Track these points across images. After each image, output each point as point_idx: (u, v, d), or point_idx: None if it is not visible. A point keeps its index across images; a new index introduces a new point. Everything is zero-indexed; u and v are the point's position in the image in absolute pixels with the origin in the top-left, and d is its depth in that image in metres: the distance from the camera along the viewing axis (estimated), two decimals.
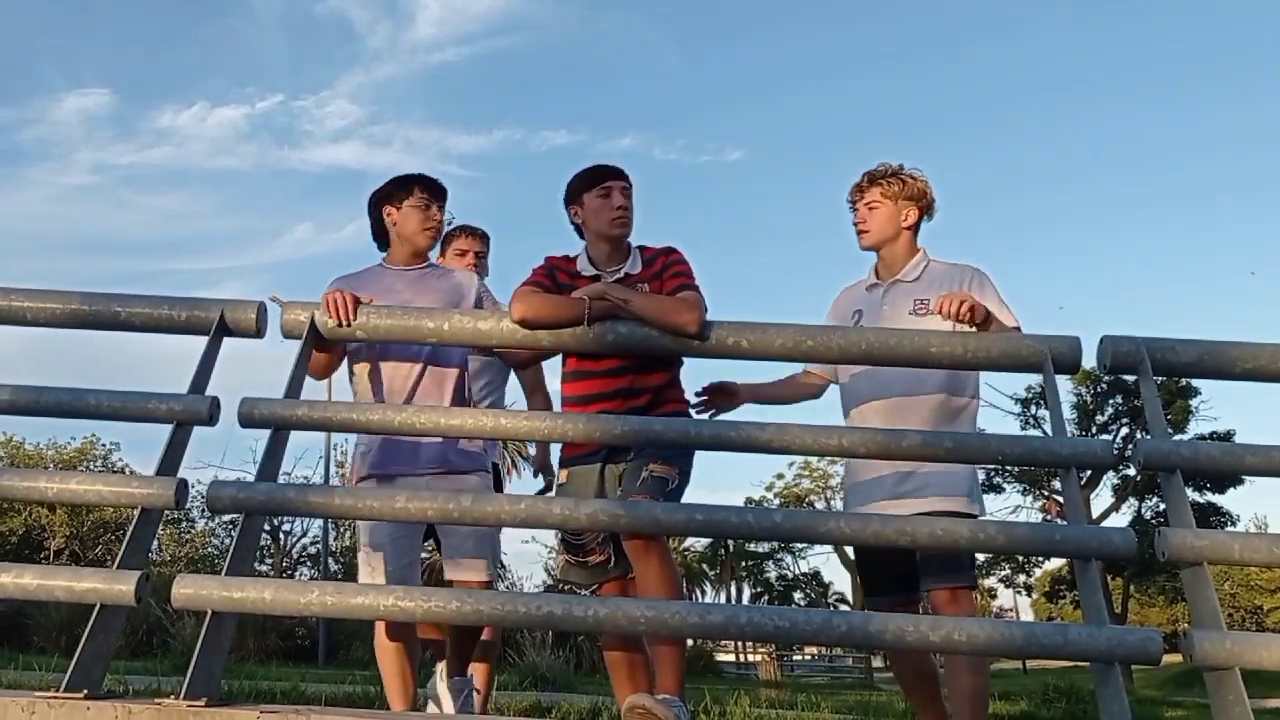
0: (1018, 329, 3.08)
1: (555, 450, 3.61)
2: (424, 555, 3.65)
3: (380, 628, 3.23)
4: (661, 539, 2.83)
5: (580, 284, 3.02)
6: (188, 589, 2.49)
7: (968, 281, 3.19)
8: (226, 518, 25.30)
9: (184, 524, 27.06)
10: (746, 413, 3.40)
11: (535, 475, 4.38)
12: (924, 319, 3.14)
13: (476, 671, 3.79)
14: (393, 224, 3.36)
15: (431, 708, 3.61)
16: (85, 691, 2.40)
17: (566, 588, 3.04)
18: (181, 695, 2.36)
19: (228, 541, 25.45)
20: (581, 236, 3.16)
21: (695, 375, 3.66)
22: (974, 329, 2.96)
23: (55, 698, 2.35)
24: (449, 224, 3.48)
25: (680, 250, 3.12)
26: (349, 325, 2.94)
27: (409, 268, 3.37)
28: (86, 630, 2.51)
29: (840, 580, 49.36)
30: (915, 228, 3.31)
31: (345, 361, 3.37)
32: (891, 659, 3.45)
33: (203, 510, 26.11)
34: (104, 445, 29.17)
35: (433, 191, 3.38)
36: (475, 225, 4.18)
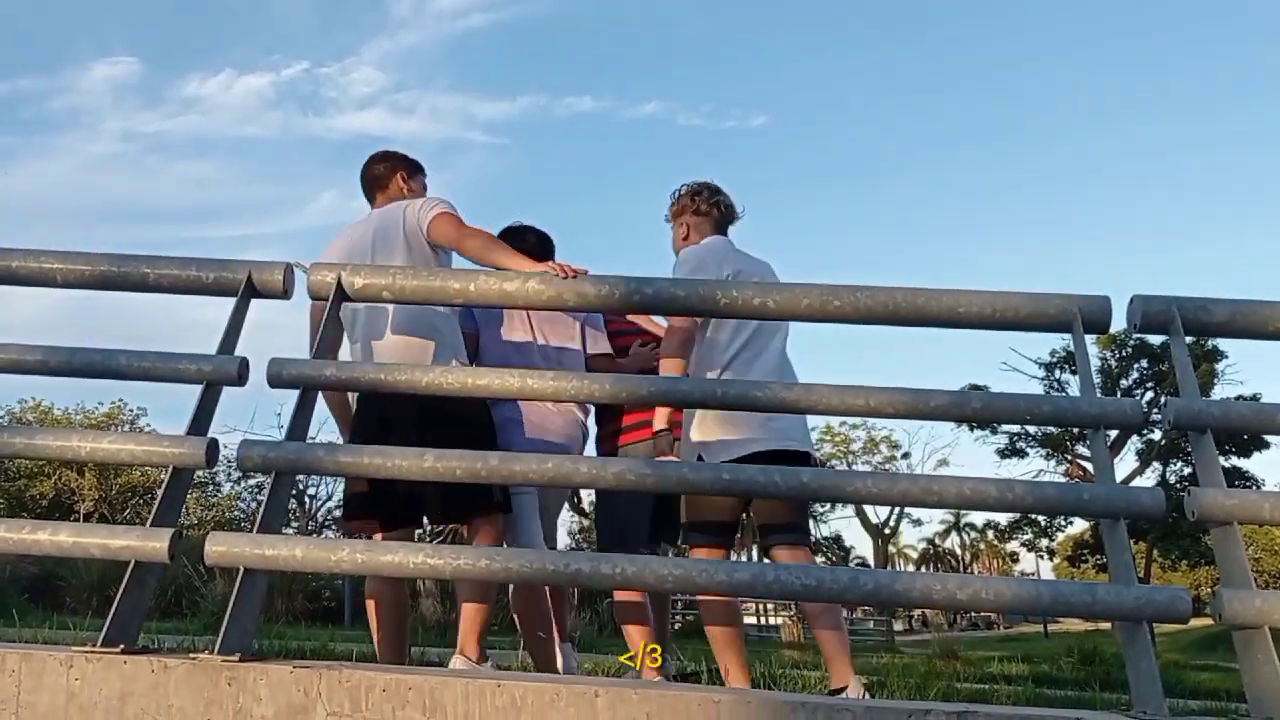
0: None
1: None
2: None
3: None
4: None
5: None
6: (220, 546, 2.53)
7: None
8: (253, 482, 25.57)
9: (210, 488, 27.28)
10: None
11: None
12: None
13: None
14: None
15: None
16: (122, 646, 2.44)
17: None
18: (216, 650, 2.39)
19: (254, 505, 25.69)
20: None
21: None
22: None
23: (93, 652, 2.39)
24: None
25: None
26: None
27: None
28: (121, 586, 2.55)
29: (862, 545, 49.54)
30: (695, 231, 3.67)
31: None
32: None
33: (229, 474, 26.30)
34: (131, 410, 29.34)
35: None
36: None
